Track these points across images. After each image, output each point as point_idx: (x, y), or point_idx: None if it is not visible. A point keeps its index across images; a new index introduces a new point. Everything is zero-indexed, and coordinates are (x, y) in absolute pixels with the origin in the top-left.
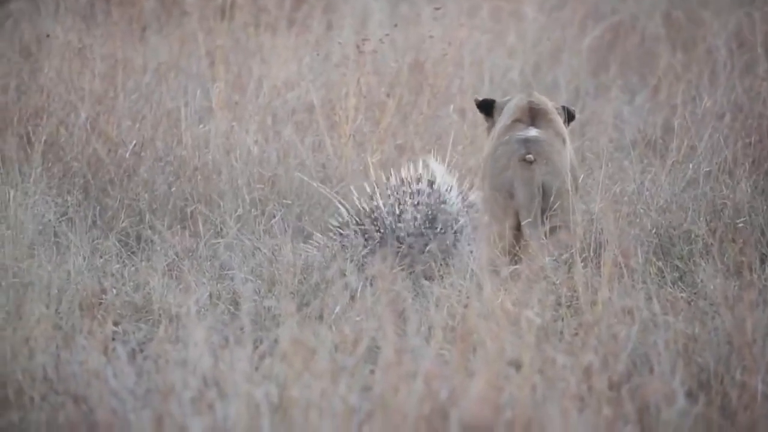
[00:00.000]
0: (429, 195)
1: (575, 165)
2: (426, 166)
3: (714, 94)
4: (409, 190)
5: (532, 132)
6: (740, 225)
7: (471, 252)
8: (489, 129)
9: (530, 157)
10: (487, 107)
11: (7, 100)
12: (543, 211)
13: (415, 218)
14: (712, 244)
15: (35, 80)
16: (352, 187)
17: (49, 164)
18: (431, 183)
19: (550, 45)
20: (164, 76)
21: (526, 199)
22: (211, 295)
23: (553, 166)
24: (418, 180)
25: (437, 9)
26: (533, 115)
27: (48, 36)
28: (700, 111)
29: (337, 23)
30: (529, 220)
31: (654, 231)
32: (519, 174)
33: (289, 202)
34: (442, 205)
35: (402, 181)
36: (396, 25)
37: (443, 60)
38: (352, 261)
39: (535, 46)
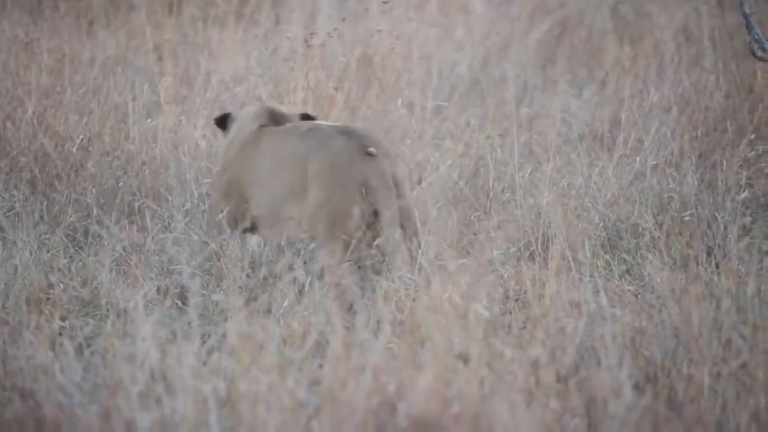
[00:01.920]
0: None
1: None
2: None
3: (661, 87)
4: None
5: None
6: (687, 218)
7: (419, 246)
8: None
9: (372, 150)
10: (223, 121)
11: None
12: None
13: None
14: (659, 237)
15: None
16: None
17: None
18: None
19: (498, 39)
20: (112, 71)
21: (384, 194)
22: (158, 290)
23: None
24: None
25: (385, 3)
26: (276, 118)
27: None
28: (647, 104)
29: (285, 17)
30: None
31: (601, 224)
32: (370, 168)
33: None
34: None
35: None
36: (344, 19)
37: (391, 54)
38: (299, 255)
39: (484, 40)
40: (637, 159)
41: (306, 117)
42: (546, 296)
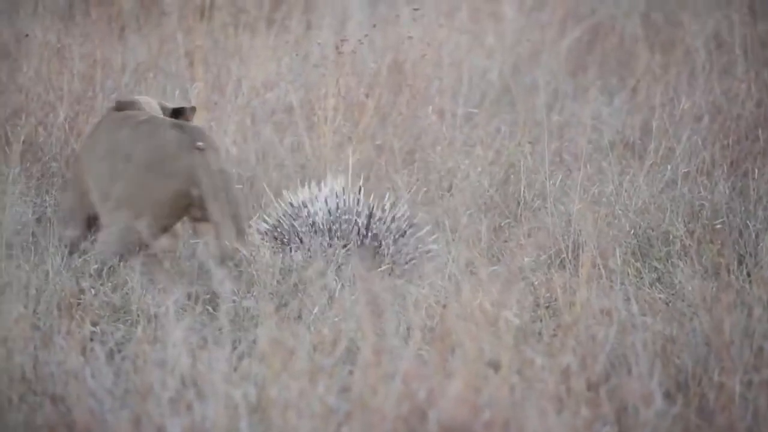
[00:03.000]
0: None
1: None
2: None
3: (692, 95)
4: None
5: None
6: (718, 226)
7: (450, 253)
8: None
9: (201, 144)
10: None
11: None
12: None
13: (393, 218)
14: (690, 245)
15: (14, 80)
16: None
17: (28, 164)
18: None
19: (529, 46)
20: (143, 76)
21: (210, 185)
22: (189, 296)
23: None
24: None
25: (416, 10)
26: (120, 107)
27: (27, 36)
28: (679, 112)
29: (316, 23)
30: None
31: (632, 232)
32: (197, 161)
33: (268, 202)
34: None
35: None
36: (375, 26)
37: (422, 61)
38: (330, 262)
39: (514, 47)
40: (669, 167)
41: (177, 112)
42: (577, 304)
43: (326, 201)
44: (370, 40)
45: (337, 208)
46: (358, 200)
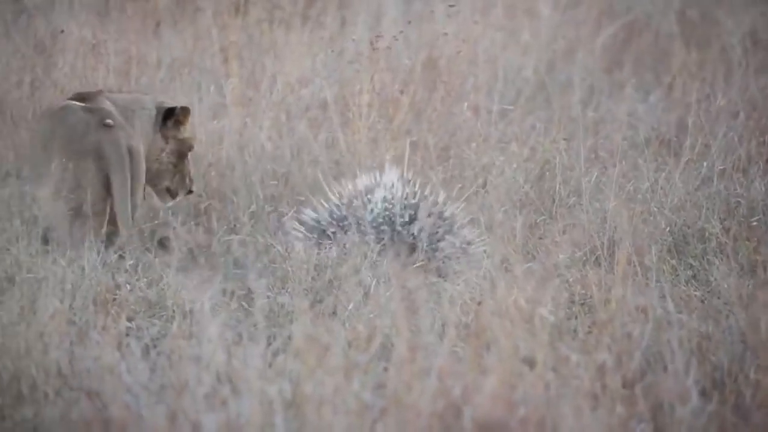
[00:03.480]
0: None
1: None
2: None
3: (728, 92)
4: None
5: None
6: (754, 223)
7: (485, 251)
8: None
9: (109, 121)
10: None
11: (21, 95)
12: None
13: (429, 215)
14: (725, 242)
15: (49, 76)
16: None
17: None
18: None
19: (564, 43)
20: (178, 72)
21: (115, 161)
22: (224, 292)
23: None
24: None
25: (451, 6)
26: (79, 97)
27: (62, 31)
28: (714, 109)
29: (350, 20)
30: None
31: (668, 229)
32: (104, 138)
33: (303, 198)
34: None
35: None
36: (410, 22)
37: (457, 57)
38: (365, 258)
39: (550, 44)
40: (704, 164)
41: (169, 111)
42: (612, 301)
43: (385, 193)
44: (405, 36)
45: (392, 200)
46: (415, 194)
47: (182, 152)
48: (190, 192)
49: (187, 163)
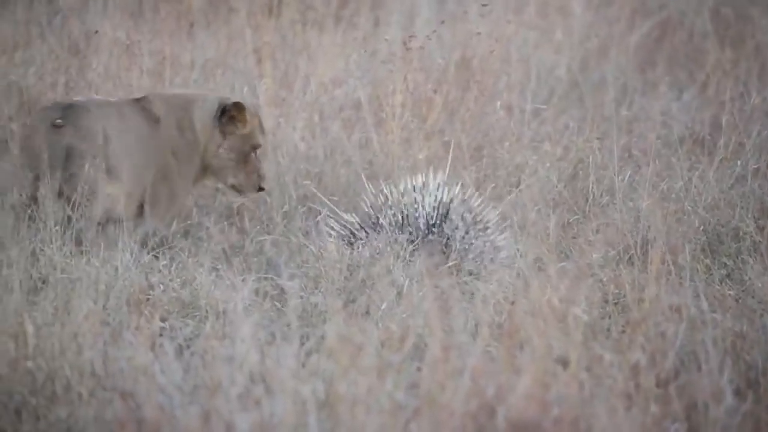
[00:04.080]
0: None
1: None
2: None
3: (762, 90)
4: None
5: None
6: None
7: (517, 250)
8: None
9: (58, 121)
10: None
11: (56, 96)
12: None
13: (463, 216)
14: (760, 241)
15: (83, 76)
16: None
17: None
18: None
19: (598, 41)
20: (212, 73)
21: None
22: (257, 292)
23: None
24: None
25: (484, 5)
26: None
27: (96, 32)
28: (749, 107)
29: (384, 20)
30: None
31: (702, 228)
32: (48, 138)
33: (336, 198)
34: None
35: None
36: (443, 22)
37: (490, 57)
38: (398, 257)
39: (583, 43)
40: (738, 163)
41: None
42: (646, 300)
43: (435, 193)
44: (438, 36)
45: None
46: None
47: (243, 149)
48: (261, 189)
49: (253, 160)
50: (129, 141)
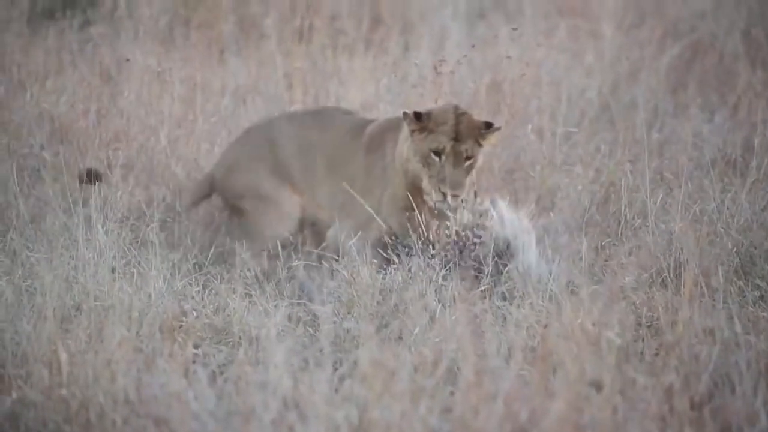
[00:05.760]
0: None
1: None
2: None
3: None
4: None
5: None
6: None
7: (550, 273)
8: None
9: None
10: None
11: (87, 124)
12: None
13: (495, 239)
14: None
15: (115, 104)
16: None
17: (130, 188)
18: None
19: (628, 64)
20: (242, 99)
21: None
22: (290, 318)
23: None
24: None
25: (515, 29)
26: None
27: (128, 60)
28: None
29: (414, 44)
30: None
31: (734, 250)
32: None
33: None
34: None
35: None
36: (473, 46)
37: (521, 80)
38: (430, 283)
39: (613, 65)
40: None
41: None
42: (679, 323)
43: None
44: (469, 60)
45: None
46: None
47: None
48: (454, 196)
49: (434, 166)
50: None
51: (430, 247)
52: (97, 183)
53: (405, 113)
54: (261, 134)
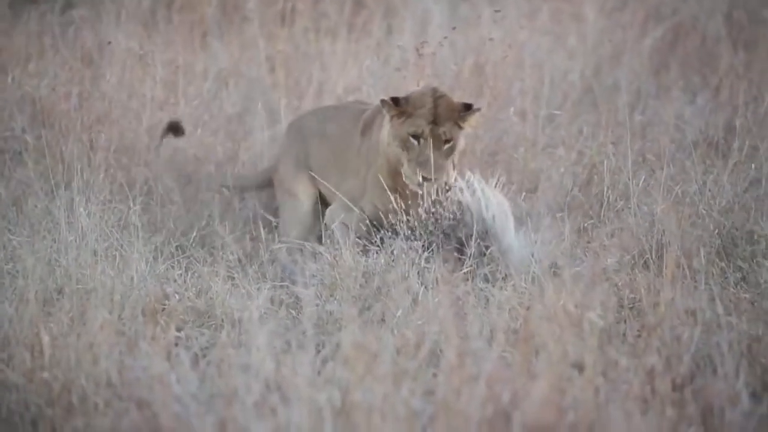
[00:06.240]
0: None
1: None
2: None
3: None
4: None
5: None
6: None
7: (532, 255)
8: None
9: None
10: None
11: (69, 107)
12: None
13: (476, 221)
14: None
15: (97, 87)
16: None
17: (112, 171)
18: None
19: (611, 46)
20: (225, 82)
21: None
22: (272, 300)
23: None
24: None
25: (497, 11)
26: None
27: (109, 43)
28: (762, 110)
29: (396, 27)
30: None
31: (716, 232)
32: None
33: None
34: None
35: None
36: (455, 28)
37: (503, 62)
38: (413, 265)
39: (596, 48)
40: (752, 166)
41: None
42: (661, 304)
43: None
44: (451, 42)
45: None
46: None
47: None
48: (435, 179)
49: (414, 150)
50: None
51: (411, 230)
52: (179, 136)
53: (382, 100)
54: (293, 128)
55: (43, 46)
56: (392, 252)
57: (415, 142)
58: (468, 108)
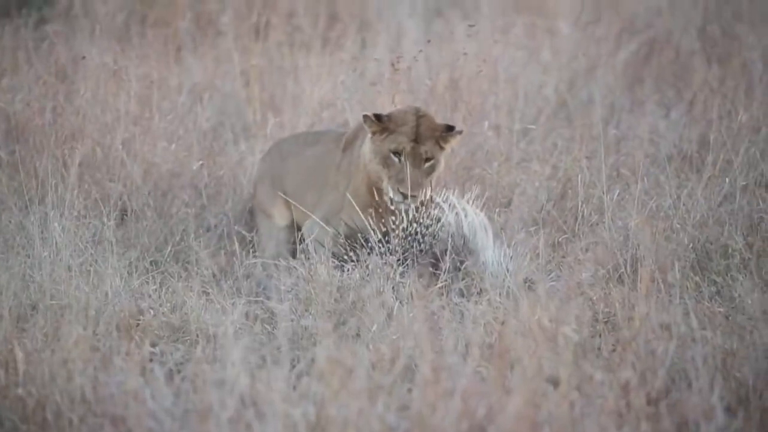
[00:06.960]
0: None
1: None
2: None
3: (750, 108)
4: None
5: None
6: None
7: (507, 270)
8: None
9: None
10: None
11: (43, 122)
12: None
13: (452, 236)
14: (749, 258)
15: (71, 102)
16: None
17: (86, 186)
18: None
19: (585, 60)
20: (199, 96)
21: None
22: (247, 315)
23: None
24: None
25: (471, 26)
26: None
27: (83, 58)
28: (736, 125)
29: (371, 41)
30: None
31: (691, 246)
32: None
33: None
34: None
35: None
36: (429, 41)
37: (478, 77)
38: (388, 280)
39: (570, 62)
40: (727, 180)
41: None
42: (635, 318)
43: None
44: (426, 56)
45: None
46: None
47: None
48: (413, 197)
49: (394, 167)
50: None
51: (386, 244)
52: None
53: (365, 115)
54: (272, 151)
55: (17, 61)
56: (367, 267)
57: (396, 159)
58: (450, 129)
